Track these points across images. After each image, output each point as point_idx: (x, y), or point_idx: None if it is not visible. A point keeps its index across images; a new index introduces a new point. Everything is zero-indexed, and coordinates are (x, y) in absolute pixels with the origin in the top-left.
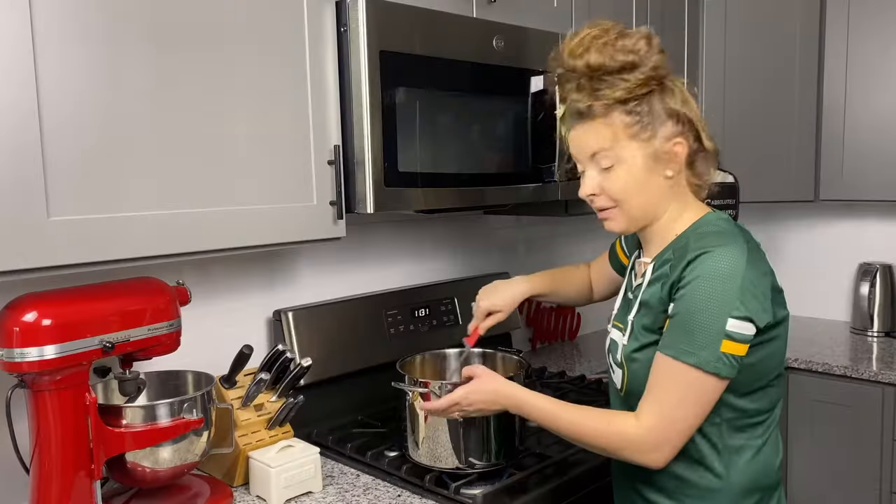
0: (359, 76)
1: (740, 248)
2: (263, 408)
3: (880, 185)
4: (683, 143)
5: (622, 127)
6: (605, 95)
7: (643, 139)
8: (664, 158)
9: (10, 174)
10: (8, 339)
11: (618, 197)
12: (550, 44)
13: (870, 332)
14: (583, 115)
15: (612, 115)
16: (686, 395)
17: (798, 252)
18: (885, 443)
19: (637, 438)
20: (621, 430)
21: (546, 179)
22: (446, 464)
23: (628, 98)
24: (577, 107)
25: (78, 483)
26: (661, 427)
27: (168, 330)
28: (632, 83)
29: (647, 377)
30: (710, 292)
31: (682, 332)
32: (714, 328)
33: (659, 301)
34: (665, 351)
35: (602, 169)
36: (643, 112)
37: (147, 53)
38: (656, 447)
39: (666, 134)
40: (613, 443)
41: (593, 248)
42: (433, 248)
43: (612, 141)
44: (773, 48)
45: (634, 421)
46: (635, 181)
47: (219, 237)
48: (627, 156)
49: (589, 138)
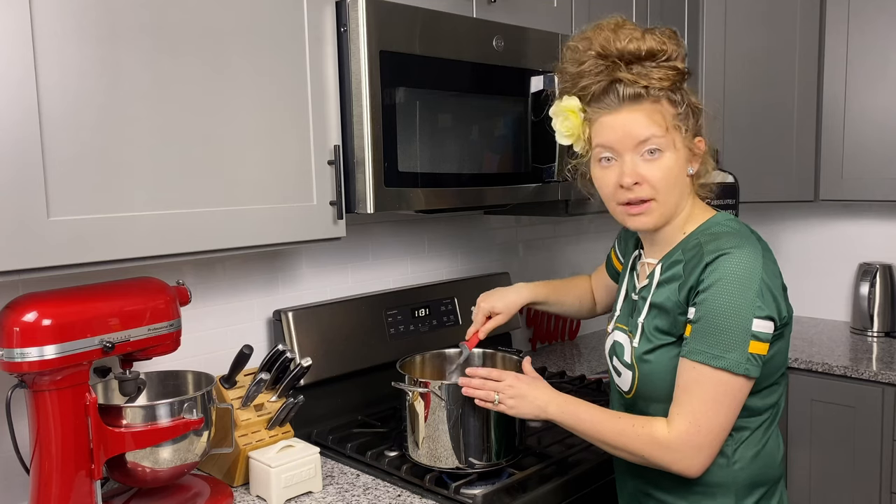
0: (359, 76)
1: (755, 248)
2: (263, 408)
3: (880, 185)
4: (703, 140)
5: (671, 116)
6: (655, 80)
7: (683, 131)
8: (690, 155)
9: (10, 174)
10: (8, 339)
11: (660, 186)
12: (550, 44)
13: (870, 332)
14: (637, 98)
15: (663, 101)
16: (718, 400)
17: (798, 252)
18: (885, 443)
19: (672, 446)
20: (654, 436)
21: (546, 179)
22: (446, 464)
23: (673, 87)
24: (633, 90)
25: (78, 483)
26: (696, 434)
27: (168, 330)
28: (673, 72)
29: (659, 379)
30: (733, 294)
31: (709, 336)
32: (741, 330)
33: (675, 304)
34: (692, 357)
35: (646, 157)
36: (682, 103)
37: (147, 53)
38: (693, 454)
39: (694, 129)
40: (647, 449)
41: (593, 249)
42: (433, 248)
43: (664, 127)
44: (773, 48)
45: (666, 428)
46: (677, 173)
47: (219, 237)
48: (676, 144)
49: (642, 123)
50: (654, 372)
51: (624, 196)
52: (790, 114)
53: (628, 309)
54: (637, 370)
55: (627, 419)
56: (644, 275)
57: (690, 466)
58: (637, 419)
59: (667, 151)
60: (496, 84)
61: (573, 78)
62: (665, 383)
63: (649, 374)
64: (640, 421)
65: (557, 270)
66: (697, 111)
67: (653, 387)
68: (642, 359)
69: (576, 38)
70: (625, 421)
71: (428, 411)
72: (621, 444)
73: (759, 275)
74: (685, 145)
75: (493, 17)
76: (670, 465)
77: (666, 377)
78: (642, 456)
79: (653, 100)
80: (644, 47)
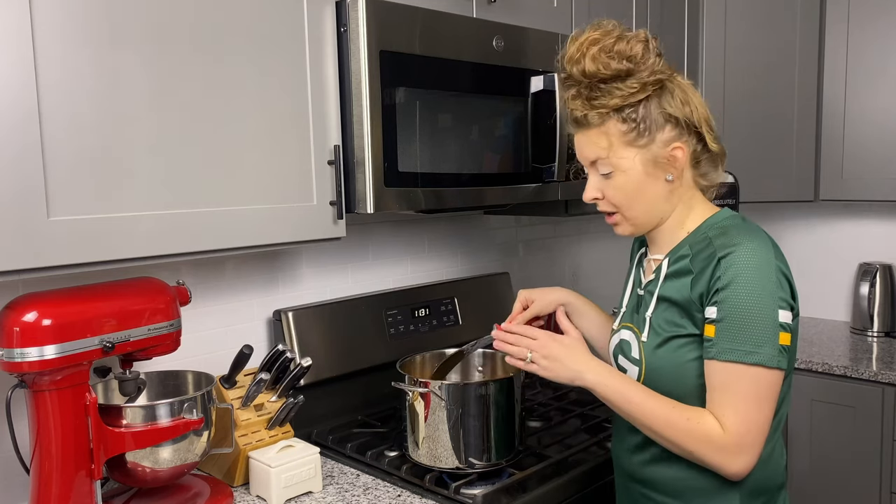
0: (359, 76)
1: (765, 240)
2: (263, 408)
3: (880, 185)
4: (683, 148)
5: (618, 135)
6: (601, 104)
7: (640, 145)
8: (663, 163)
9: (10, 174)
10: (8, 339)
11: (618, 203)
12: (550, 44)
13: (870, 332)
14: (580, 124)
15: (608, 123)
16: (760, 396)
17: (798, 252)
18: (885, 443)
19: (728, 447)
20: (710, 434)
21: (546, 179)
22: (446, 464)
23: (623, 105)
24: (574, 115)
25: (78, 483)
26: (747, 434)
27: (168, 330)
28: (626, 91)
29: (667, 372)
30: (754, 288)
31: (737, 333)
32: (769, 323)
33: (687, 300)
34: (723, 357)
35: (602, 175)
36: (640, 118)
37: (147, 53)
38: (745, 455)
39: (665, 139)
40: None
41: (593, 249)
42: (433, 247)
43: (609, 149)
44: (772, 48)
45: (720, 427)
46: (635, 187)
47: (219, 237)
48: (625, 163)
49: (587, 147)
50: (662, 367)
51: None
52: (790, 114)
53: (633, 305)
54: (645, 364)
55: (680, 411)
56: (650, 270)
57: (742, 468)
58: (690, 412)
59: (617, 171)
60: (496, 84)
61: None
62: (671, 377)
63: (657, 369)
64: (694, 415)
65: (557, 270)
66: (674, 119)
67: (659, 381)
68: (652, 352)
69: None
70: (677, 413)
71: (428, 411)
72: (669, 435)
73: (774, 264)
74: (649, 158)
75: (493, 17)
76: (721, 465)
77: (673, 371)
78: (690, 452)
79: (596, 125)
80: (587, 70)
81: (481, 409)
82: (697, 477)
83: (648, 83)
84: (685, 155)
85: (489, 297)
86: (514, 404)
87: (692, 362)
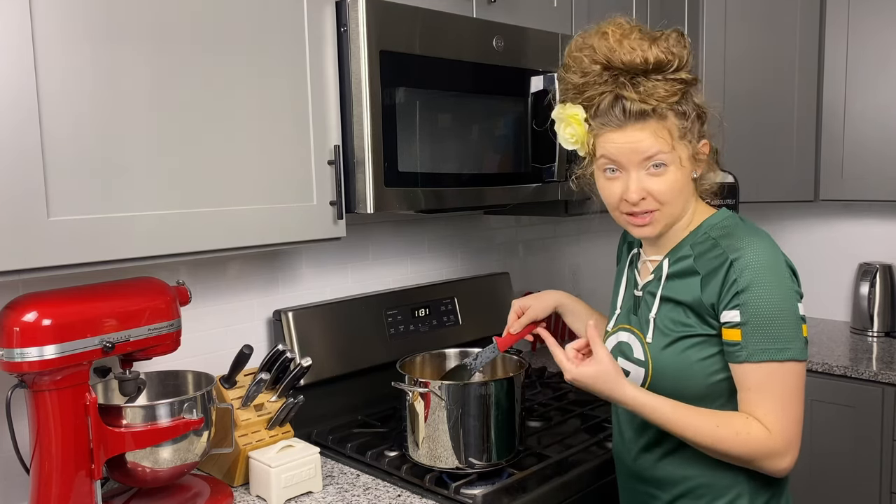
0: (359, 76)
1: (768, 236)
2: (263, 408)
3: (880, 185)
4: (708, 143)
5: (676, 128)
6: (662, 97)
7: (688, 140)
8: (696, 159)
9: (10, 174)
10: (8, 339)
11: (666, 199)
12: (550, 44)
13: (870, 332)
14: (643, 116)
15: (669, 115)
16: (797, 389)
17: (798, 252)
18: (885, 443)
19: (780, 450)
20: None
21: (546, 179)
22: (446, 464)
23: (681, 100)
24: (640, 108)
25: (78, 483)
26: (790, 430)
27: (168, 330)
28: (684, 84)
29: (676, 371)
30: (773, 286)
31: (766, 333)
32: (793, 317)
33: (697, 301)
34: (755, 358)
35: (651, 171)
36: (687, 112)
37: (147, 53)
38: (792, 451)
39: (700, 133)
40: (756, 456)
41: (593, 249)
42: (433, 248)
43: (671, 143)
44: (772, 48)
45: (766, 432)
46: (682, 183)
47: (219, 237)
48: (681, 157)
49: (646, 140)
50: (670, 367)
51: (628, 207)
52: (790, 114)
53: (630, 306)
54: (651, 366)
55: (728, 429)
56: (647, 271)
57: (790, 464)
58: (736, 425)
59: (672, 165)
60: (496, 84)
61: (577, 88)
62: (680, 378)
63: (665, 369)
64: (742, 428)
65: (557, 270)
66: (703, 115)
67: (666, 382)
68: (659, 353)
69: (579, 44)
70: (723, 430)
71: (428, 411)
72: (722, 450)
73: (783, 258)
74: (691, 153)
75: (493, 17)
76: (773, 468)
77: (682, 371)
78: (747, 461)
79: (659, 117)
80: (651, 59)
81: (481, 409)
82: (707, 474)
83: (691, 81)
84: (709, 150)
85: (489, 297)
86: (514, 404)
87: (701, 362)
